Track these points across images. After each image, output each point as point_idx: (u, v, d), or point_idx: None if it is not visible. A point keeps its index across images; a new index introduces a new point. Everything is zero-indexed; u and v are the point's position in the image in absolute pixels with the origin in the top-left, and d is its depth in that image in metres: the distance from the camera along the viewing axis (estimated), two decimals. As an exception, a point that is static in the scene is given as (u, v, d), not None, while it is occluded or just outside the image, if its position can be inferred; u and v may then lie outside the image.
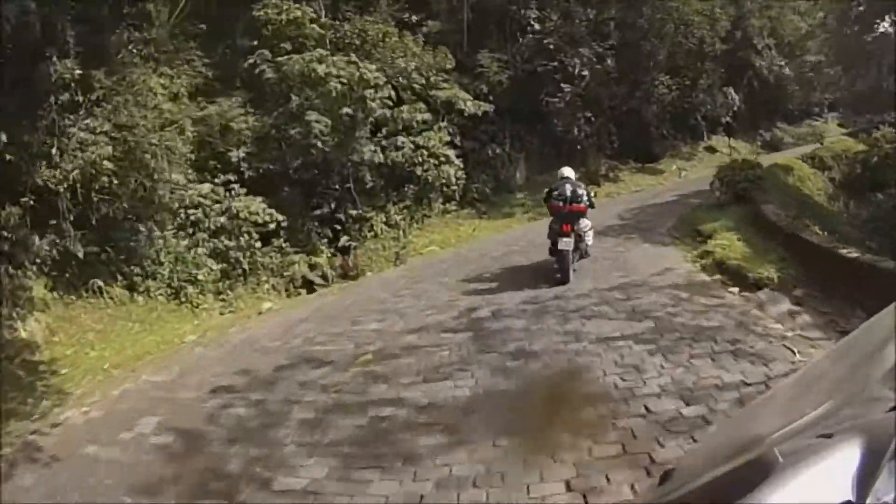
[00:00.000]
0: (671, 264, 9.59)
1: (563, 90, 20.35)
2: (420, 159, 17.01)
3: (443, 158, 17.59)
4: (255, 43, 16.26)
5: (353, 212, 16.61)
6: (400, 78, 17.07)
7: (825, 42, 36.37)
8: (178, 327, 11.56)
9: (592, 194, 10.28)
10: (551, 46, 20.57)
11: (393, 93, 16.30)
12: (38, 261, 10.52)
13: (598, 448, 4.22)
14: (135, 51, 14.12)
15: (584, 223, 9.54)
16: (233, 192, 15.12)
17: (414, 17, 19.78)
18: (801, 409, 0.88)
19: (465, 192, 18.41)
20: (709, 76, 27.51)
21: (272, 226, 14.87)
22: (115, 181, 11.68)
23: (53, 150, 10.64)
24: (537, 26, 21.08)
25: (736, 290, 7.72)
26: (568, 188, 9.47)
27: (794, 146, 30.42)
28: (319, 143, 15.00)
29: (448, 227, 17.12)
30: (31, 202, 10.17)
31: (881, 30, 29.23)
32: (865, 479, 0.79)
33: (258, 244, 14.76)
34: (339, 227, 16.58)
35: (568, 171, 10.14)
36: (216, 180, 15.37)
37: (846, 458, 0.84)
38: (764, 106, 31.83)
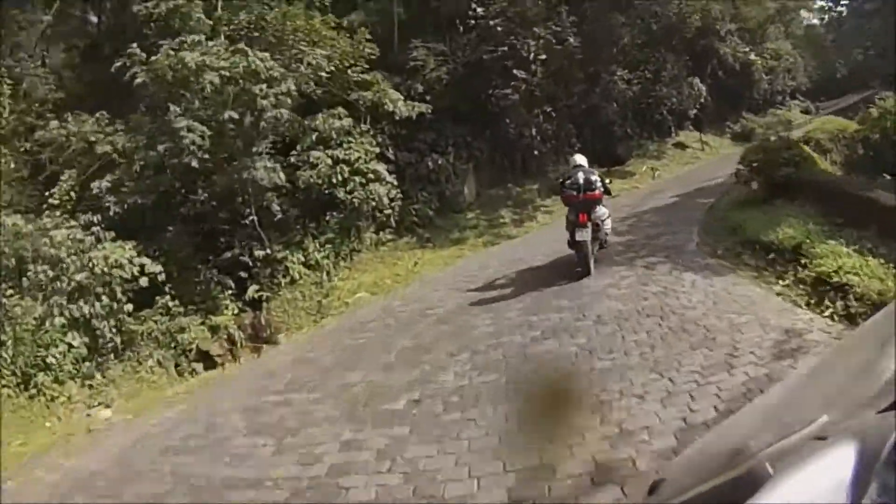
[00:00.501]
0: (778, 318, 5.67)
1: (517, 77, 17.51)
2: (340, 178, 13.86)
3: (371, 175, 14.60)
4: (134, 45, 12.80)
5: (261, 252, 13.37)
6: (302, 67, 13.64)
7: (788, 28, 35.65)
8: (8, 442, 8.11)
9: (608, 181, 10.02)
10: (499, 29, 17.66)
11: (294, 88, 12.96)
12: None
13: None
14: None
15: (601, 211, 9.45)
16: (96, 237, 11.73)
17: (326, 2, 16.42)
18: (795, 420, 0.95)
19: (401, 216, 15.43)
20: (672, 67, 26.03)
21: (146, 280, 11.47)
22: None
23: None
24: (480, 10, 18.15)
25: None
26: (580, 176, 9.22)
27: (766, 136, 28.59)
28: (195, 162, 11.54)
29: (383, 263, 14.11)
30: None
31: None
32: (860, 481, 0.79)
33: (129, 306, 11.45)
34: (245, 275, 13.36)
35: (580, 159, 10.01)
36: (72, 223, 11.85)
37: (840, 460, 0.84)
38: (729, 96, 30.55)
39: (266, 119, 12.48)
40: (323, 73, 14.18)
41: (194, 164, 11.84)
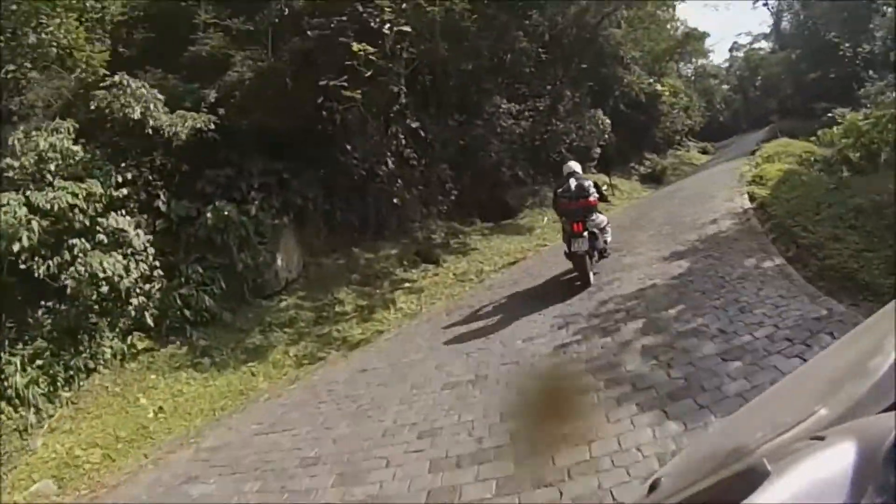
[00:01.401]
0: None
1: (361, 56, 11.69)
2: (29, 241, 8.05)
3: (104, 237, 8.87)
4: None
5: None
6: None
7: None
8: None
9: (604, 187, 10.72)
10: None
11: None
12: None
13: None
14: None
15: (598, 218, 9.53)
16: None
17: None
18: (793, 416, 0.97)
19: (164, 309, 9.54)
20: (571, 96, 22.90)
21: None
22: None
23: None
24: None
25: None
26: (573, 183, 9.36)
27: (676, 177, 27.07)
28: None
29: (124, 397, 8.49)
30: None
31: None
32: (860, 481, 0.79)
33: None
34: None
35: (574, 166, 10.12)
36: None
37: (840, 460, 0.83)
38: (632, 134, 27.84)
39: None
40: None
41: None
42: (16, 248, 8.07)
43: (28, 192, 8.77)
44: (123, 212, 9.66)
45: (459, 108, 17.64)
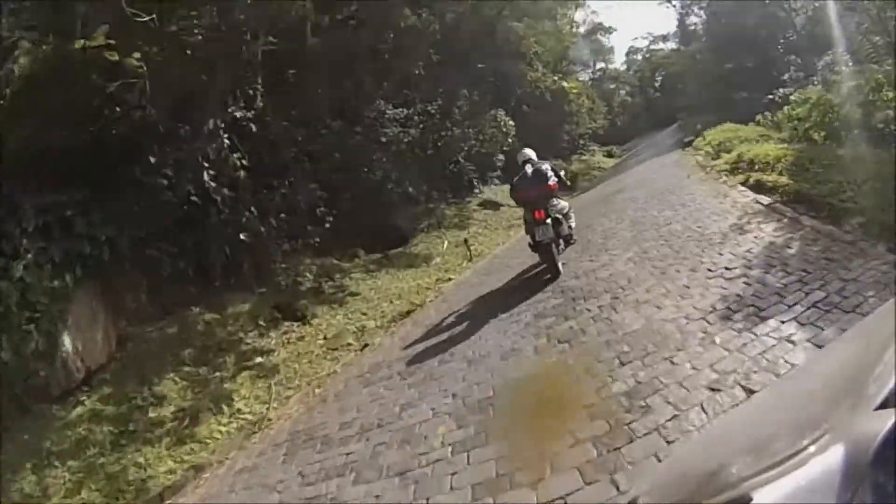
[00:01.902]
0: None
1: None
2: None
3: None
4: None
5: None
6: None
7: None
8: None
9: (562, 172, 10.13)
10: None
11: None
12: None
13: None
14: None
15: (559, 204, 9.43)
16: None
17: None
18: (788, 439, 0.97)
19: None
20: (469, 95, 21.48)
21: None
22: None
23: None
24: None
25: None
26: (529, 169, 9.34)
27: (588, 182, 26.19)
28: None
29: None
30: None
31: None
32: (848, 484, 0.82)
33: None
34: None
35: (529, 152, 9.94)
36: None
37: (828, 463, 0.86)
38: (538, 137, 25.82)
39: None
40: None
41: None
42: None
43: None
44: None
45: (333, 112, 15.34)
